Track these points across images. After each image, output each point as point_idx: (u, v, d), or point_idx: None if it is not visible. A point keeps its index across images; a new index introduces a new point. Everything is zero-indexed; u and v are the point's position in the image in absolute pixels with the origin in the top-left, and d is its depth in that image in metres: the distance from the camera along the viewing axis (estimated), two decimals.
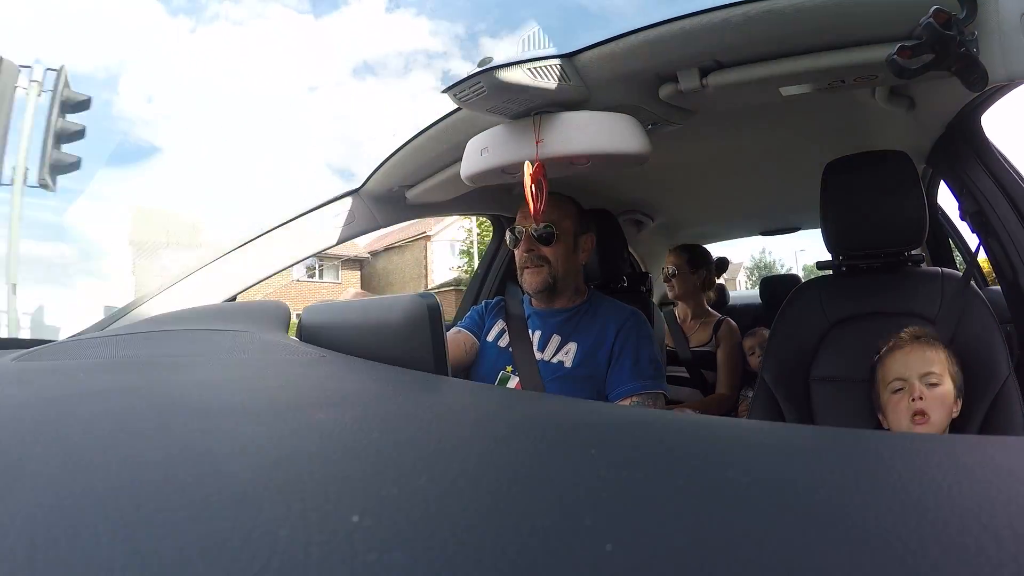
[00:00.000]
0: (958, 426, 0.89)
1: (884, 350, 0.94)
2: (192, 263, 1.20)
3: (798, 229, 2.57)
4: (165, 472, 0.18)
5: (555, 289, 1.19)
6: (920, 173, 1.20)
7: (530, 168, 0.92)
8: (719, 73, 0.91)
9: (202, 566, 0.13)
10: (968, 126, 1.11)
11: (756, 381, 1.15)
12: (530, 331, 1.21)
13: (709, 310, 1.93)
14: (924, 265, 1.13)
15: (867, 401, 0.98)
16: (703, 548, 0.13)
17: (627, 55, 0.89)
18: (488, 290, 1.82)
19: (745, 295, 3.18)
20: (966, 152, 1.11)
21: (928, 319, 1.00)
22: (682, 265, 1.87)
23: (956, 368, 0.90)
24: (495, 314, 1.28)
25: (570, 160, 0.95)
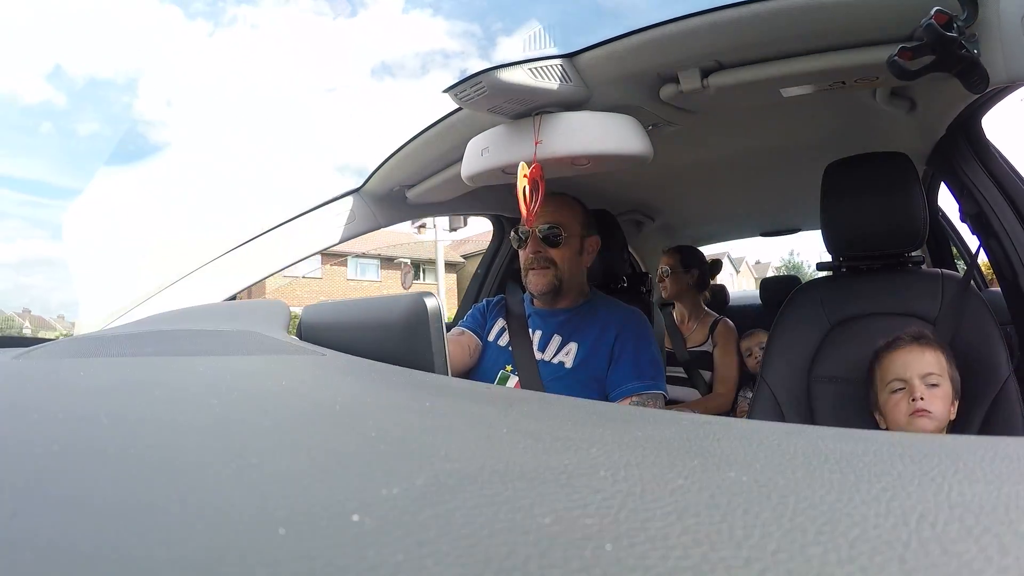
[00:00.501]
0: (958, 427, 0.89)
1: (881, 350, 0.94)
2: (192, 263, 1.20)
3: (799, 230, 2.58)
4: (164, 472, 0.19)
5: (560, 292, 1.19)
6: (921, 174, 1.20)
7: (525, 169, 0.92)
8: (720, 74, 0.91)
9: (201, 566, 0.13)
10: (969, 127, 1.11)
11: (754, 382, 1.15)
12: (530, 331, 1.21)
13: (706, 310, 1.93)
14: (924, 266, 1.13)
15: (868, 401, 0.98)
16: (703, 548, 0.13)
17: (628, 55, 0.89)
18: (488, 290, 1.82)
19: (744, 295, 3.17)
20: (967, 154, 1.11)
21: (928, 320, 1.00)
22: (675, 265, 1.88)
23: (954, 370, 0.90)
24: (496, 312, 1.28)
25: (571, 160, 0.95)
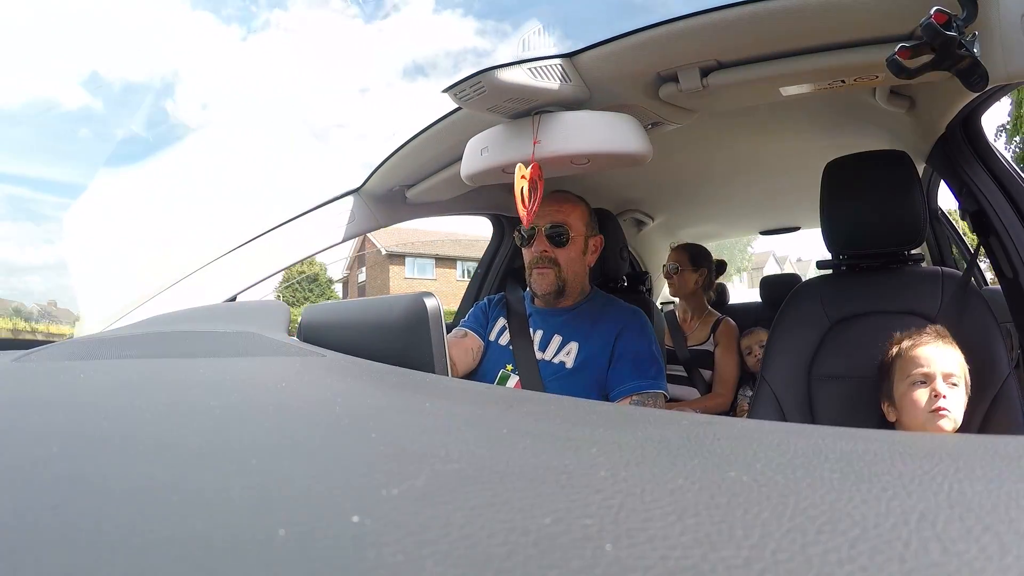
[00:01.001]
0: (958, 426, 0.89)
1: (906, 344, 0.92)
2: (193, 263, 1.20)
3: (798, 228, 2.58)
4: (165, 473, 0.19)
5: (563, 291, 1.19)
6: (920, 173, 1.20)
7: (523, 170, 0.92)
8: (720, 73, 0.91)
9: (201, 566, 0.13)
10: (968, 126, 1.11)
11: (754, 381, 1.15)
12: (531, 330, 1.21)
13: (709, 309, 1.93)
14: (924, 264, 1.13)
15: (868, 399, 0.98)
16: (703, 548, 0.13)
17: (628, 55, 0.89)
18: (488, 289, 1.82)
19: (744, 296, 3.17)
20: (966, 152, 1.11)
21: (928, 318, 1.00)
22: (684, 262, 1.88)
23: (967, 373, 0.90)
24: (497, 310, 1.28)
25: (570, 160, 0.95)
